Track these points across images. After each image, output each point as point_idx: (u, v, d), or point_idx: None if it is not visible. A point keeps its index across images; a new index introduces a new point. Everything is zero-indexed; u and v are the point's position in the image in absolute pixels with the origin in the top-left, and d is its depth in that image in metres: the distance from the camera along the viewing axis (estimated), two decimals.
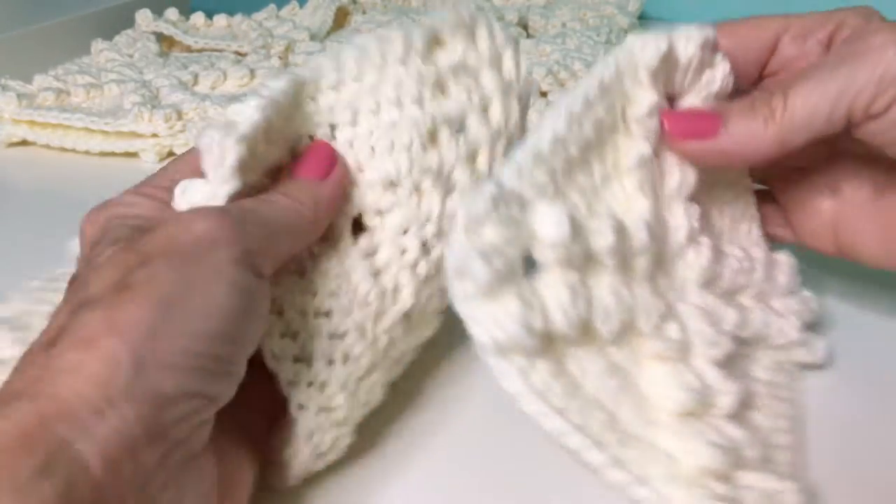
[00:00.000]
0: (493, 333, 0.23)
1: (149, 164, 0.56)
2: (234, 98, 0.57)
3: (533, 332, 0.24)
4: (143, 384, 0.20)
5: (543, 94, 0.59)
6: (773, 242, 0.36)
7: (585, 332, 0.26)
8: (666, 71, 0.30)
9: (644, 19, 0.80)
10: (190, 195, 0.26)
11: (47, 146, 0.57)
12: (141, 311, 0.21)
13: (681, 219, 0.30)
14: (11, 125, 0.57)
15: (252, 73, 0.62)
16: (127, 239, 0.25)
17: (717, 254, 0.31)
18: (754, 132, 0.29)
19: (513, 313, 0.23)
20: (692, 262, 0.30)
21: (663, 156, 0.31)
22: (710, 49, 0.31)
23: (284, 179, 0.29)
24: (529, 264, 0.25)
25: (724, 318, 0.30)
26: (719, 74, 0.31)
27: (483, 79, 0.32)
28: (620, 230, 0.27)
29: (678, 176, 0.30)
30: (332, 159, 0.30)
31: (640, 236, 0.27)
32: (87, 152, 0.57)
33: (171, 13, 0.72)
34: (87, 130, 0.56)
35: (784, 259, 0.34)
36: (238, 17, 0.73)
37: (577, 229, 0.25)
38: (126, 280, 0.22)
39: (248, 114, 0.27)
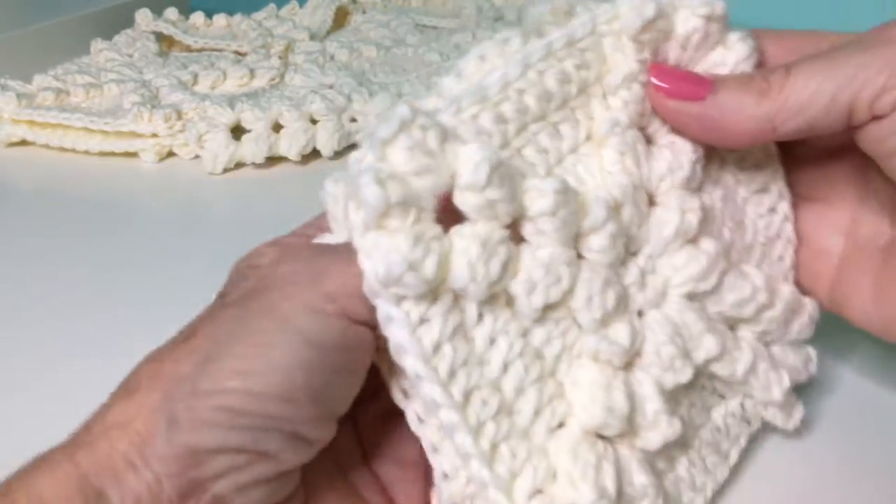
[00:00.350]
0: (375, 266, 0.21)
1: (148, 164, 0.56)
2: (233, 98, 0.57)
3: (421, 277, 0.21)
4: (176, 440, 0.20)
5: None
6: None
7: (503, 301, 0.23)
8: (655, 40, 0.27)
9: None
10: None
11: (47, 146, 0.57)
12: (183, 365, 0.21)
13: (671, 212, 0.27)
14: (11, 125, 0.57)
15: (252, 72, 0.62)
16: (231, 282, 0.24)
17: (724, 268, 0.27)
18: (744, 105, 0.26)
19: (400, 249, 0.21)
20: (681, 266, 0.27)
21: (654, 135, 0.28)
22: (720, 25, 0.28)
23: None
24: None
25: (700, 344, 0.27)
26: (733, 56, 0.28)
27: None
28: (565, 198, 0.23)
29: (669, 158, 0.27)
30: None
31: (595, 212, 0.24)
32: (86, 152, 0.57)
33: (171, 13, 0.72)
34: (87, 130, 0.56)
35: (810, 306, 0.30)
36: (238, 17, 0.73)
37: (508, 183, 0.22)
38: (194, 327, 0.22)
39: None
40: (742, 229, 0.29)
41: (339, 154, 0.55)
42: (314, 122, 0.55)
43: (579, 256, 0.24)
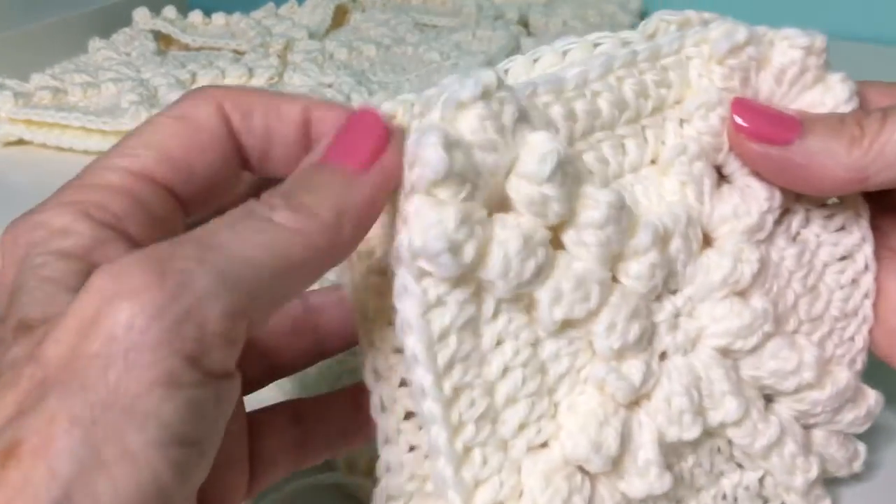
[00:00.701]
0: (412, 234, 0.19)
1: None
2: None
3: (458, 261, 0.20)
4: None
5: None
6: None
7: (524, 304, 0.22)
8: (745, 68, 0.25)
9: (645, 17, 0.79)
10: None
11: (44, 145, 0.57)
12: (24, 487, 0.16)
13: (724, 258, 0.24)
14: (8, 124, 0.57)
15: (250, 71, 0.61)
16: (27, 328, 0.18)
17: (769, 331, 0.25)
18: (834, 152, 0.24)
19: (445, 224, 0.19)
20: (720, 318, 0.25)
21: (731, 174, 0.26)
22: (820, 61, 0.26)
23: (301, 167, 0.21)
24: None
25: (719, 404, 0.25)
26: (832, 99, 0.25)
27: None
28: (618, 214, 0.22)
29: (736, 201, 0.25)
30: (383, 138, 0.21)
31: (641, 237, 0.23)
32: (84, 151, 0.56)
33: (169, 11, 0.72)
34: (85, 129, 0.56)
35: (871, 399, 0.27)
36: (236, 16, 0.73)
37: (567, 184, 0.21)
38: (16, 433, 0.16)
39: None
40: (814, 296, 0.27)
41: None
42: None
43: (614, 279, 0.23)
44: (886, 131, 0.23)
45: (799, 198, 0.26)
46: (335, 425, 0.27)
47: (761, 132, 0.24)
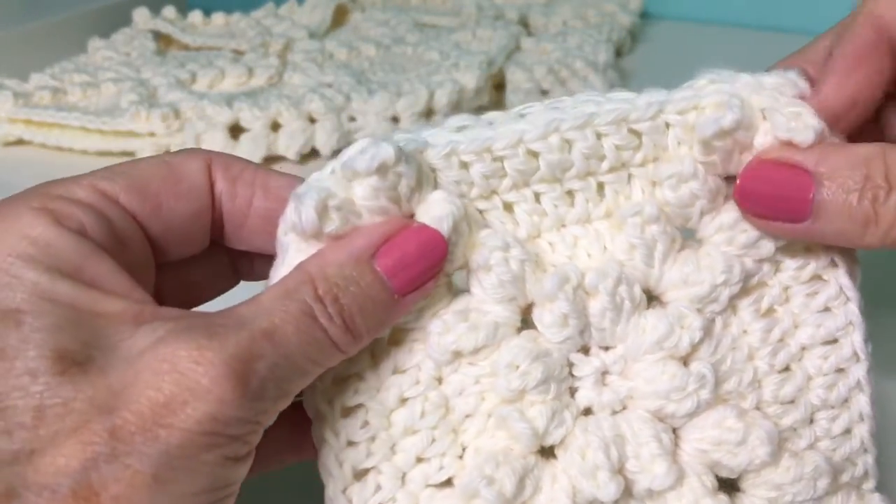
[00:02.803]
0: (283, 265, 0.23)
1: None
2: (231, 97, 0.56)
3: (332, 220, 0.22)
4: None
5: (544, 93, 0.59)
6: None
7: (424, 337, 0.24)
8: (728, 150, 0.24)
9: (646, 17, 0.80)
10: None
11: (44, 145, 0.57)
12: None
13: (661, 321, 0.24)
14: (8, 124, 0.57)
15: (250, 71, 0.61)
16: (73, 363, 0.20)
17: (707, 395, 0.24)
18: (848, 234, 0.23)
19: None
20: (651, 378, 0.24)
21: (702, 237, 0.25)
22: (790, 95, 0.25)
23: (352, 254, 0.22)
24: None
25: (647, 468, 0.24)
26: (801, 126, 0.24)
27: None
28: (504, 256, 0.23)
29: (690, 270, 0.24)
30: (438, 268, 0.23)
31: (546, 284, 0.23)
32: (83, 151, 0.56)
33: (169, 11, 0.72)
34: (84, 129, 0.56)
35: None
36: (236, 16, 0.73)
37: (463, 235, 0.23)
38: (92, 480, 0.19)
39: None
40: (785, 378, 0.25)
41: (338, 153, 0.54)
42: (313, 121, 0.54)
43: (527, 323, 0.24)
44: None
45: (777, 272, 0.25)
46: None
47: (767, 216, 0.24)
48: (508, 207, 0.25)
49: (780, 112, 0.24)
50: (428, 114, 0.55)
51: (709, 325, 0.24)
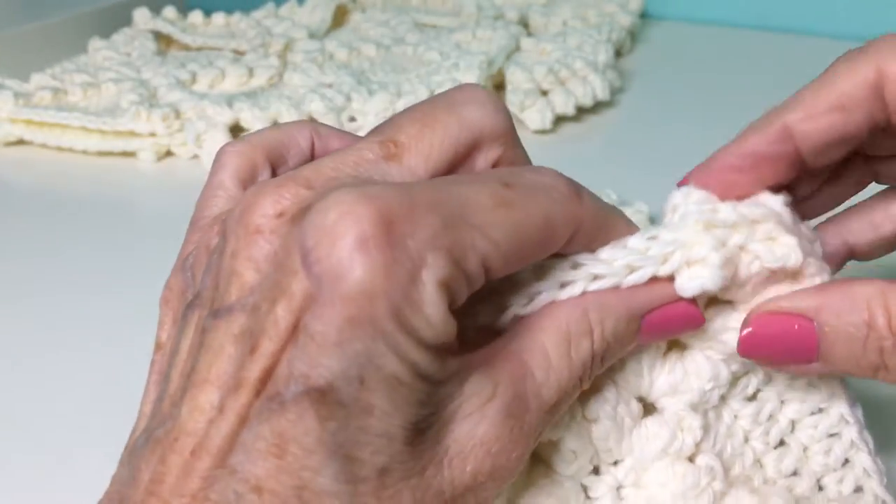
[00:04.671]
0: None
1: (146, 163, 0.55)
2: (232, 97, 0.56)
3: None
4: None
5: (544, 94, 0.59)
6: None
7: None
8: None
9: (646, 17, 0.80)
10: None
11: (44, 145, 0.57)
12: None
13: (663, 428, 0.24)
14: (8, 124, 0.57)
15: (251, 71, 0.61)
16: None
17: (720, 486, 0.25)
18: (861, 375, 0.23)
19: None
20: (665, 481, 0.24)
21: (687, 345, 0.25)
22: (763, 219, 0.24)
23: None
24: None
25: None
26: (785, 250, 0.23)
27: None
28: None
29: (678, 378, 0.25)
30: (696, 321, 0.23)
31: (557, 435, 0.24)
32: (84, 152, 0.56)
33: (169, 12, 0.72)
34: (85, 130, 0.56)
35: None
36: (236, 16, 0.73)
37: None
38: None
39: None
40: (783, 452, 0.26)
41: None
42: (313, 121, 0.54)
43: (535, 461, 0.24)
44: None
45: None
46: None
47: (774, 366, 0.24)
48: None
49: (757, 242, 0.23)
50: None
51: (705, 420, 0.25)
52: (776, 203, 0.24)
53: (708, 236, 0.23)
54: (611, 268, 0.22)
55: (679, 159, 0.28)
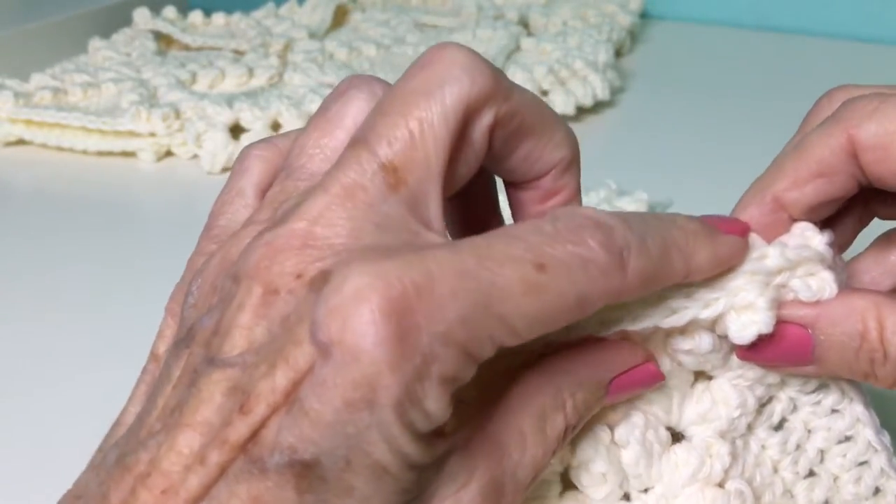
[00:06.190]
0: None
1: (146, 163, 0.55)
2: (232, 97, 0.56)
3: None
4: None
5: (544, 94, 0.59)
6: None
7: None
8: None
9: (646, 17, 0.80)
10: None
11: (44, 145, 0.57)
12: None
13: (692, 454, 0.25)
14: (8, 124, 0.57)
15: (251, 71, 0.61)
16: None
17: None
18: (853, 372, 0.24)
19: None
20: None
21: (713, 373, 0.26)
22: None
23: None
24: None
25: None
26: (823, 285, 0.24)
27: None
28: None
29: (706, 406, 0.25)
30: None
31: (579, 453, 0.24)
32: (84, 151, 0.56)
33: (169, 12, 0.72)
34: (85, 129, 0.56)
35: None
36: (236, 16, 0.73)
37: None
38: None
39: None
40: (813, 482, 0.26)
41: None
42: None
43: (568, 486, 0.24)
44: None
45: (783, 386, 0.26)
46: None
47: (772, 367, 0.25)
48: None
49: (797, 279, 0.24)
50: None
51: (733, 448, 0.25)
52: (819, 243, 0.24)
53: (753, 279, 0.23)
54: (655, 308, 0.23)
55: (679, 159, 0.28)
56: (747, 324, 0.23)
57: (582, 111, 0.59)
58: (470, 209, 0.26)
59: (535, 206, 0.25)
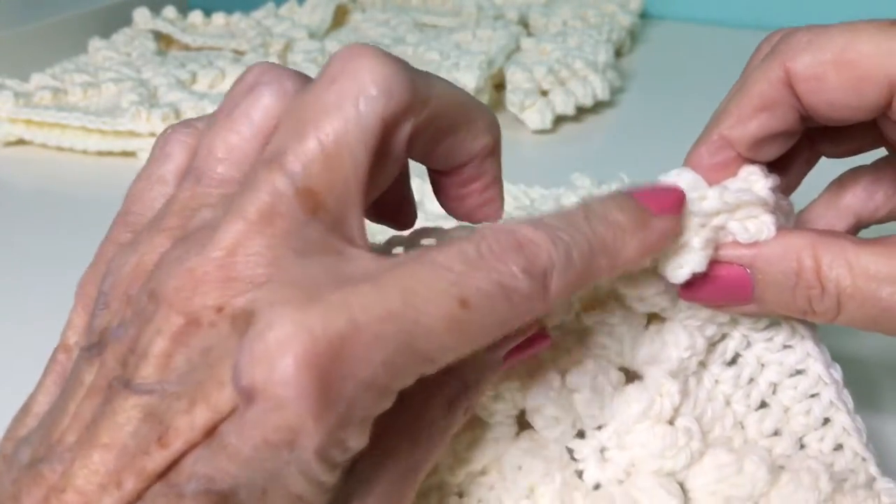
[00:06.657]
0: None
1: None
2: None
3: None
4: None
5: (544, 93, 0.59)
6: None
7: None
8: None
9: (646, 17, 0.80)
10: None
11: (44, 145, 0.57)
12: None
13: (643, 393, 0.26)
14: (8, 124, 0.57)
15: None
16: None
17: (698, 445, 0.26)
18: (791, 311, 0.25)
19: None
20: (645, 442, 0.26)
21: (665, 315, 0.27)
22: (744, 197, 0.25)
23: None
24: None
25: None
26: (760, 226, 0.24)
27: None
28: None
29: (657, 348, 0.26)
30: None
31: (535, 391, 0.25)
32: (84, 151, 0.56)
33: (169, 11, 0.72)
34: (85, 129, 0.56)
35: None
36: (236, 16, 0.73)
37: None
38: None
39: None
40: (763, 414, 0.27)
41: None
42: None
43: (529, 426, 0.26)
44: (843, 319, 0.24)
45: (736, 325, 0.27)
46: None
47: (713, 306, 0.25)
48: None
49: (735, 221, 0.24)
50: None
51: (684, 386, 0.26)
52: (762, 188, 0.25)
53: (690, 221, 0.24)
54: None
55: (679, 159, 0.28)
56: (682, 263, 0.24)
57: (582, 111, 0.59)
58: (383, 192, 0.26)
59: (457, 189, 0.25)
